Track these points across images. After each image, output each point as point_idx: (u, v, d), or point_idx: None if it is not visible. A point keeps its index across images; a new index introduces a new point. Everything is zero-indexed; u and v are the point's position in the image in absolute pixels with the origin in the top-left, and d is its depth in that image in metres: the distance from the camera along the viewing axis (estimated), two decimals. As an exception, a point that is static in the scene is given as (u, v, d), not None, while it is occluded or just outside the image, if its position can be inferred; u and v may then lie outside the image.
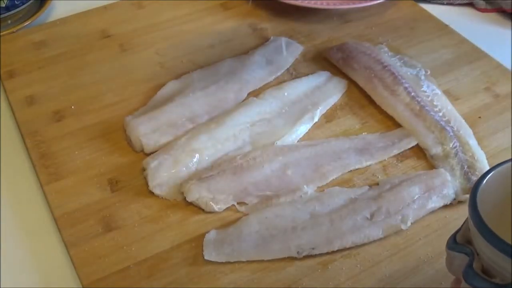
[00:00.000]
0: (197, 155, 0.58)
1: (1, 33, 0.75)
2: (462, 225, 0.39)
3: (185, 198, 0.55)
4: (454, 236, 0.39)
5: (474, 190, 0.36)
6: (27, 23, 0.77)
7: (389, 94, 0.64)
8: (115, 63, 0.72)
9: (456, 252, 0.38)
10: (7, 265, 0.52)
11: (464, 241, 0.38)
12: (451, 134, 0.60)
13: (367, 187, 0.56)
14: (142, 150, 0.60)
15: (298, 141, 0.61)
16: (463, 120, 0.62)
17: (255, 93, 0.66)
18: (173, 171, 0.57)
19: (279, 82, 0.68)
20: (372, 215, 0.53)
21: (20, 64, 0.71)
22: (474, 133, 0.61)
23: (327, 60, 0.71)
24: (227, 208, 0.55)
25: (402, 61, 0.69)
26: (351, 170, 0.59)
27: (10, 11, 0.77)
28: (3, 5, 0.77)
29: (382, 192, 0.55)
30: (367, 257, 0.51)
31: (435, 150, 0.59)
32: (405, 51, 0.72)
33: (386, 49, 0.71)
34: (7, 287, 0.51)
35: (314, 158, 0.58)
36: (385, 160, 0.60)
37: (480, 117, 0.64)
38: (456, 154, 0.58)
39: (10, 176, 0.60)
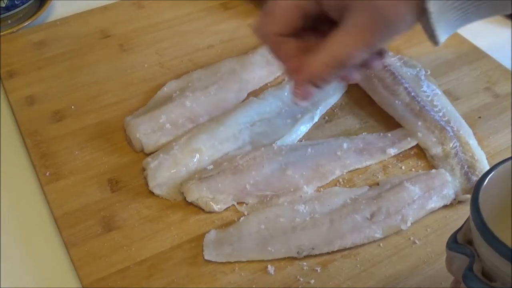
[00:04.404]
0: (197, 155, 0.58)
1: (1, 33, 0.75)
2: (463, 224, 0.38)
3: (185, 198, 0.55)
4: (454, 236, 0.38)
5: (475, 190, 0.35)
6: (27, 23, 0.77)
7: (389, 94, 0.64)
8: (115, 63, 0.72)
9: (456, 252, 0.37)
10: (7, 265, 0.52)
11: (465, 241, 0.37)
12: (451, 134, 0.60)
13: (367, 187, 0.56)
14: (142, 150, 0.60)
15: (298, 141, 0.61)
16: (463, 120, 0.62)
17: (255, 93, 0.66)
18: (173, 171, 0.57)
19: (279, 82, 0.68)
20: (372, 215, 0.53)
21: (20, 64, 0.71)
22: (474, 133, 0.61)
23: (327, 60, 0.71)
24: (227, 208, 0.55)
25: (402, 61, 0.69)
26: (351, 170, 0.59)
27: (10, 11, 0.77)
28: (3, 5, 0.77)
29: (382, 192, 0.55)
30: (367, 257, 0.51)
31: (435, 150, 0.59)
32: (405, 51, 0.72)
33: (386, 49, 0.71)
34: (7, 287, 0.51)
35: (314, 158, 0.58)
36: (385, 160, 0.60)
37: (480, 117, 0.64)
38: (456, 154, 0.58)
39: (10, 176, 0.60)
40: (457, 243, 0.37)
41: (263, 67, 0.69)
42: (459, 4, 0.39)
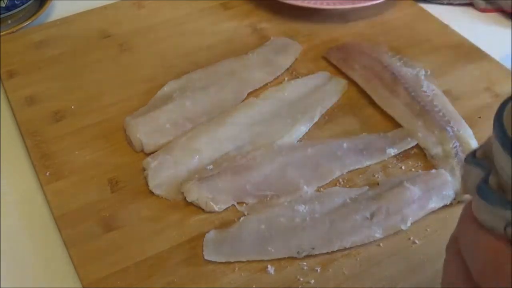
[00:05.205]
0: (197, 155, 0.58)
1: (1, 33, 0.75)
2: (484, 142, 0.37)
3: (185, 198, 0.55)
4: (473, 151, 0.37)
5: (504, 102, 0.34)
6: (27, 23, 0.77)
7: (389, 94, 0.64)
8: (115, 63, 0.72)
9: (473, 165, 0.36)
10: (7, 264, 0.52)
11: (484, 156, 0.36)
12: (451, 134, 0.60)
13: (367, 187, 0.56)
14: (142, 150, 0.60)
15: (298, 141, 0.61)
16: (463, 120, 0.62)
17: (255, 93, 0.66)
18: (173, 171, 0.57)
19: (279, 82, 0.68)
20: (372, 215, 0.53)
21: (20, 64, 0.71)
22: (474, 133, 0.61)
23: (327, 60, 0.71)
24: (227, 208, 0.55)
25: (402, 61, 0.69)
26: (351, 170, 0.59)
27: (10, 11, 0.77)
28: (3, 5, 0.77)
29: (382, 192, 0.55)
30: (367, 257, 0.51)
31: (435, 150, 0.59)
32: (405, 51, 0.72)
33: (386, 49, 0.71)
34: (7, 287, 0.51)
35: (314, 158, 0.58)
36: (385, 160, 0.60)
37: (480, 117, 0.64)
38: (456, 154, 0.58)
39: (10, 176, 0.60)
40: (476, 157, 0.36)
41: (263, 67, 0.69)
42: None
